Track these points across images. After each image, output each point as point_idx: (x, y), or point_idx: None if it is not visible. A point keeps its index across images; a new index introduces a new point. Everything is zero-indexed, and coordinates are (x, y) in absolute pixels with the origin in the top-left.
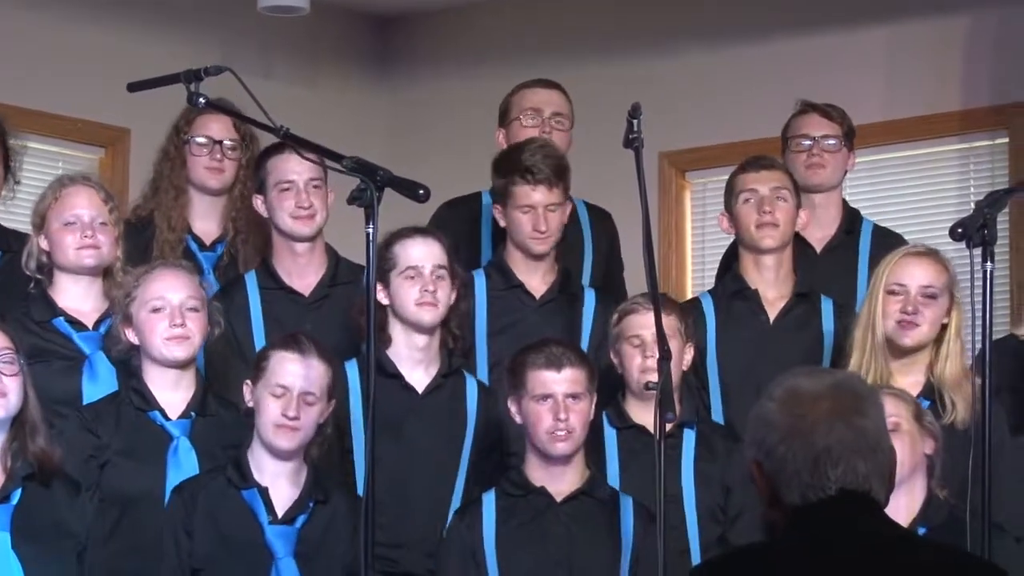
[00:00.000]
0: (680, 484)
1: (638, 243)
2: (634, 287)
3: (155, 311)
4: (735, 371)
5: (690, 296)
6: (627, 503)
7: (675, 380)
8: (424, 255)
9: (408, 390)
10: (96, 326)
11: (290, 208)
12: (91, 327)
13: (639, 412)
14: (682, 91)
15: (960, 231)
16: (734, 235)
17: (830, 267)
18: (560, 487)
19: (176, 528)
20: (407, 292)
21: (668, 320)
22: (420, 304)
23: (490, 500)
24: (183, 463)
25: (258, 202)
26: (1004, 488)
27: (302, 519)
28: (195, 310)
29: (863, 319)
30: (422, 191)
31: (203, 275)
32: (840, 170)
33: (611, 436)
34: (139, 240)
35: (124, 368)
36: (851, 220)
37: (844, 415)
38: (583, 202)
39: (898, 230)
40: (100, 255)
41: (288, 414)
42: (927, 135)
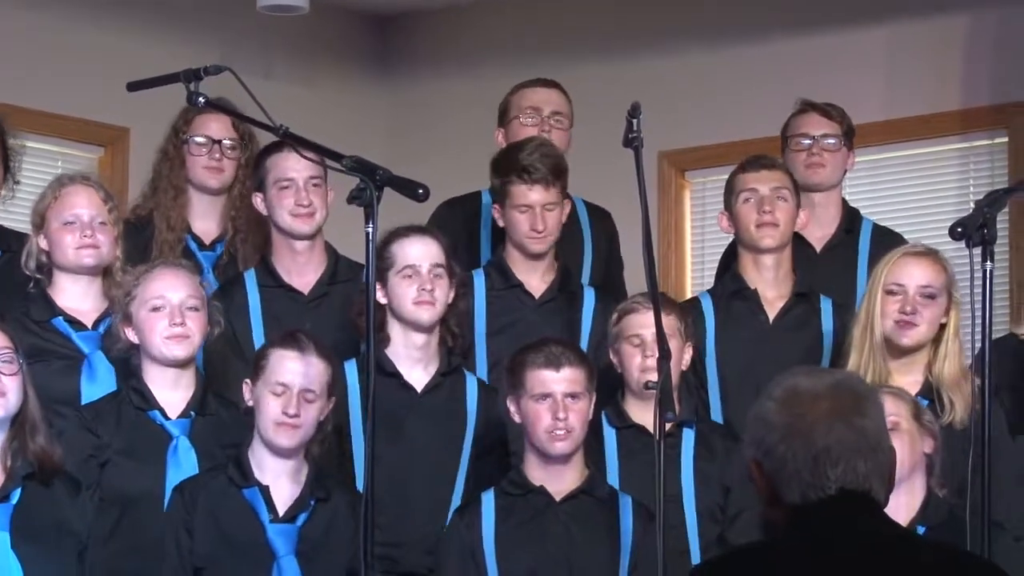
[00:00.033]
0: (679, 483)
1: (638, 242)
2: (634, 286)
3: (155, 310)
4: (734, 371)
5: (689, 296)
6: (626, 502)
7: (674, 380)
8: (421, 254)
9: (407, 389)
10: (95, 326)
11: (290, 206)
12: (90, 327)
13: (638, 412)
14: (682, 91)
15: (960, 230)
16: (733, 235)
17: (830, 266)
18: (559, 486)
19: (177, 527)
20: (405, 291)
21: (668, 320)
22: (418, 303)
23: (489, 499)
24: (183, 462)
25: (258, 200)
26: (1003, 487)
27: (303, 517)
28: (195, 309)
29: (861, 319)
30: (421, 190)
31: (203, 274)
32: (840, 169)
33: (610, 436)
34: (138, 240)
35: (124, 367)
36: (851, 219)
37: (844, 415)
38: (583, 201)
39: (898, 230)
40: (99, 255)
41: (288, 412)
42: (927, 135)
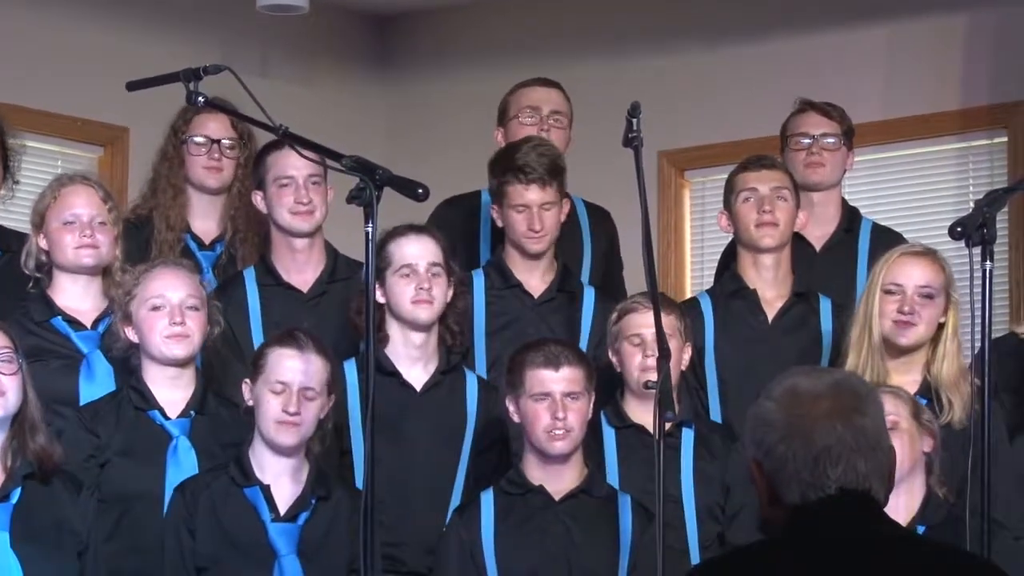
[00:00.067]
0: (679, 483)
1: (637, 242)
2: (633, 286)
3: (155, 309)
4: (733, 371)
5: (689, 295)
6: (625, 502)
7: (674, 379)
8: (419, 253)
9: (406, 388)
10: (94, 325)
11: (289, 204)
12: (89, 326)
13: (638, 411)
14: (682, 90)
15: (959, 230)
16: (733, 234)
17: (829, 265)
18: (558, 486)
19: (178, 527)
20: (403, 290)
21: (667, 319)
22: (416, 302)
23: (488, 499)
24: (183, 462)
25: (257, 198)
26: (1002, 487)
27: (304, 516)
28: (195, 309)
29: (860, 318)
30: (421, 190)
31: (203, 274)
32: (839, 168)
33: (610, 435)
34: (138, 239)
35: (123, 367)
36: (850, 218)
37: (844, 414)
38: (582, 201)
39: (897, 229)
40: (99, 254)
41: (288, 410)
42: (926, 134)
